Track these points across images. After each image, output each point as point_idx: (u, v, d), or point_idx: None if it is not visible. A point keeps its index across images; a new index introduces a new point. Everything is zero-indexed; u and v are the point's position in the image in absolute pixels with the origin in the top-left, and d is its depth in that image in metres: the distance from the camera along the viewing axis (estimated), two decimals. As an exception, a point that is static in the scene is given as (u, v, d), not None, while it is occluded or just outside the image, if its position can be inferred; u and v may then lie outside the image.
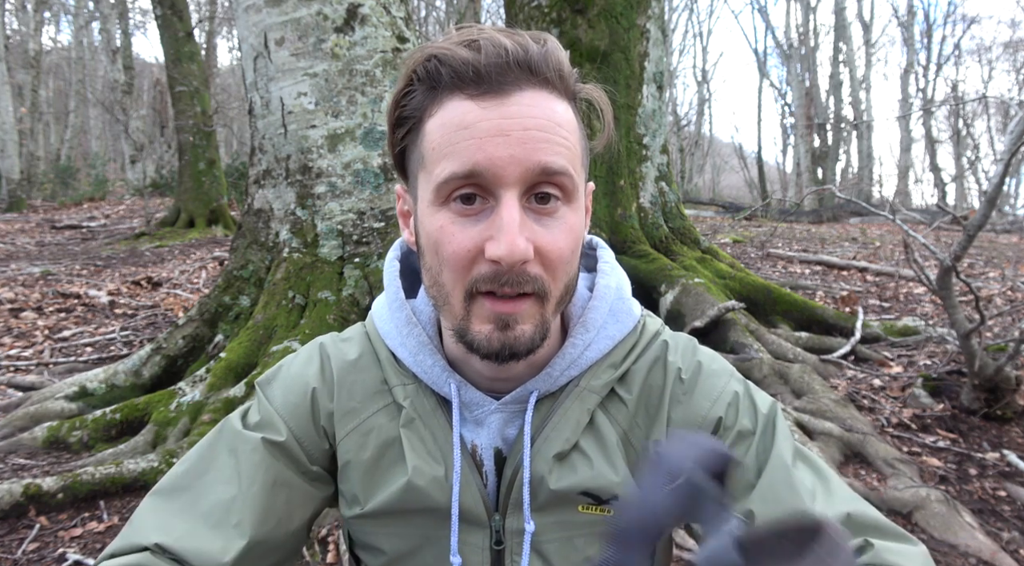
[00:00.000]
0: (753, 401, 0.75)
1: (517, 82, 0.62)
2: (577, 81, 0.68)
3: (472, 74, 0.61)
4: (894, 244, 7.71)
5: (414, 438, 0.75)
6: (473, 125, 0.61)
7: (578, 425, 0.73)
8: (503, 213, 0.61)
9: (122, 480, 2.28)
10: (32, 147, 15.97)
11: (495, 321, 0.64)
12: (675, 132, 21.64)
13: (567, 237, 0.64)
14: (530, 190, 0.63)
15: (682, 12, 25.48)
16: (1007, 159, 2.39)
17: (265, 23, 3.11)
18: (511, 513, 0.73)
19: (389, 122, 0.69)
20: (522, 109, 0.61)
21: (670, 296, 3.61)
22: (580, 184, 0.66)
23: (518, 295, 0.63)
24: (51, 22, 23.33)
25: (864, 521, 0.66)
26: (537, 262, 0.63)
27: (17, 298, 5.10)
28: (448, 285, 0.65)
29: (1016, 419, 2.67)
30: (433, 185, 0.63)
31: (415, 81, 0.65)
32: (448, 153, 0.62)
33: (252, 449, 0.74)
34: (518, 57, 0.61)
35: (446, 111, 0.63)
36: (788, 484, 0.68)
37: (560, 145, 0.63)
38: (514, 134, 0.60)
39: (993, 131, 23.94)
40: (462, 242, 0.62)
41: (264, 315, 3.01)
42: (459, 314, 0.65)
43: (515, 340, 0.64)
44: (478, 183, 0.62)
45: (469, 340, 0.66)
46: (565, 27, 4.08)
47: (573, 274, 0.68)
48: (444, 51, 0.62)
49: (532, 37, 0.64)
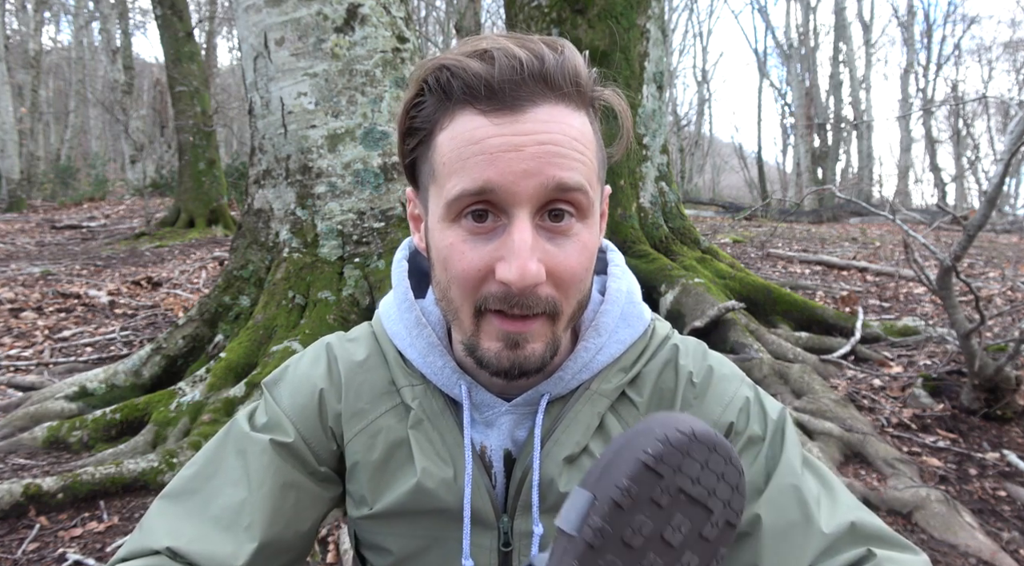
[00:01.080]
0: (763, 407, 0.75)
1: (532, 97, 0.60)
2: (595, 86, 0.66)
3: (484, 89, 0.59)
4: (894, 244, 7.71)
5: (422, 439, 0.74)
6: (484, 141, 0.59)
7: (588, 428, 0.73)
8: (515, 235, 0.59)
9: (122, 480, 2.28)
10: (32, 147, 15.97)
11: (504, 339, 0.63)
12: (675, 132, 21.63)
13: (580, 257, 0.63)
14: (543, 208, 0.61)
15: (682, 12, 25.52)
16: (1007, 159, 2.39)
17: (265, 23, 3.11)
18: (519, 515, 0.73)
19: (399, 130, 0.68)
20: (537, 125, 0.59)
21: (670, 296, 3.61)
22: (595, 200, 0.65)
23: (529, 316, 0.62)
24: (51, 22, 23.36)
25: (868, 530, 0.67)
26: (549, 283, 0.62)
27: (17, 298, 5.10)
28: (457, 301, 0.65)
29: (1016, 419, 2.67)
30: (444, 201, 0.62)
31: (426, 91, 0.63)
32: (459, 169, 0.60)
33: (261, 451, 0.74)
34: (533, 70, 0.59)
35: (457, 125, 0.61)
36: (795, 491, 0.68)
37: (576, 160, 0.61)
38: (528, 149, 0.59)
39: (993, 131, 23.94)
40: (472, 261, 0.61)
41: (264, 315, 3.01)
42: (468, 330, 0.65)
43: (525, 359, 0.64)
44: (490, 200, 0.60)
45: (479, 357, 0.66)
46: (565, 27, 4.08)
47: (586, 290, 0.68)
48: (456, 63, 0.60)
49: (548, 44, 0.61)
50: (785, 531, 0.66)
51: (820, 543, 0.65)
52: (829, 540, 0.65)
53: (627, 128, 0.68)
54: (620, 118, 0.68)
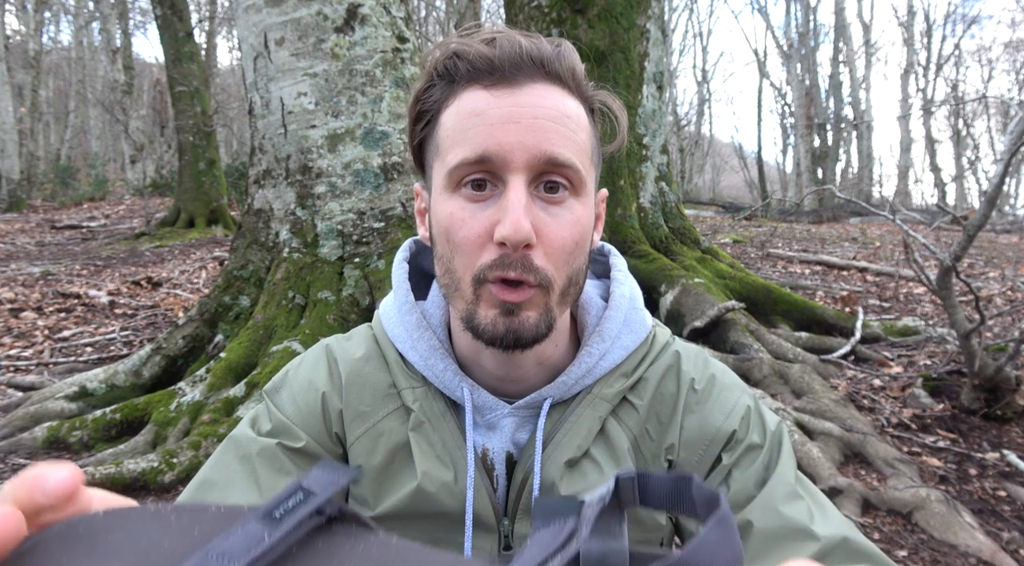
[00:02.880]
0: (763, 417, 0.76)
1: (530, 75, 0.64)
2: (592, 89, 0.70)
3: (486, 65, 0.64)
4: (894, 244, 7.71)
5: (423, 442, 0.74)
6: (485, 112, 0.63)
7: (590, 433, 0.73)
8: (509, 195, 0.63)
9: (122, 480, 2.28)
10: (32, 147, 15.97)
11: (500, 307, 0.65)
12: (675, 132, 21.63)
13: (572, 227, 0.66)
14: (538, 178, 0.64)
15: (682, 12, 25.49)
16: (1007, 159, 2.39)
17: (265, 23, 3.11)
18: (520, 518, 0.73)
19: (410, 117, 0.72)
20: (533, 99, 0.64)
21: (670, 296, 3.61)
22: (588, 179, 0.67)
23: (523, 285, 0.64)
24: (51, 22, 23.32)
25: (860, 548, 0.66)
26: (541, 251, 0.64)
27: (17, 298, 5.10)
28: (459, 271, 0.66)
29: (1016, 419, 2.67)
30: (446, 171, 0.66)
31: (435, 77, 0.68)
32: (460, 140, 0.64)
33: (271, 456, 0.73)
34: (532, 53, 0.64)
35: (461, 101, 0.66)
36: (789, 499, 0.68)
37: (568, 138, 0.64)
38: (524, 122, 0.63)
39: (993, 131, 23.94)
40: (472, 227, 0.64)
41: (264, 315, 3.01)
42: (468, 298, 0.66)
43: (520, 325, 0.65)
44: (487, 169, 0.64)
45: (475, 325, 0.66)
46: (565, 27, 4.08)
47: (577, 267, 0.68)
48: (464, 47, 0.65)
49: (549, 41, 0.66)
50: (777, 536, 0.66)
51: (813, 547, 0.64)
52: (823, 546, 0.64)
53: (623, 125, 0.71)
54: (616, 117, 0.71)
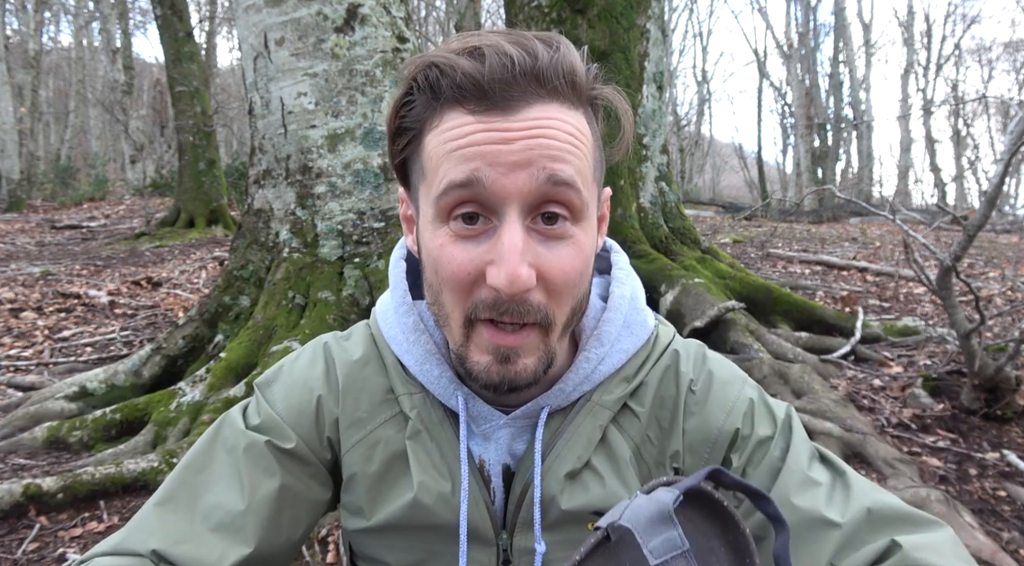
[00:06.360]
0: (769, 407, 0.73)
1: (524, 96, 0.57)
2: (594, 84, 0.63)
3: (474, 89, 0.57)
4: (894, 244, 7.71)
5: (420, 451, 0.72)
6: (472, 136, 0.57)
7: (590, 442, 0.70)
8: (504, 237, 0.57)
9: (122, 480, 2.28)
10: (32, 147, 15.97)
11: (495, 353, 0.61)
12: (675, 132, 21.63)
13: (574, 261, 0.60)
14: (535, 209, 0.59)
15: (682, 12, 25.50)
16: (1007, 159, 2.39)
17: (265, 23, 3.11)
18: (519, 531, 0.71)
19: (389, 130, 0.65)
20: (528, 123, 0.57)
21: (670, 296, 3.61)
22: (590, 201, 0.62)
23: (520, 326, 0.60)
24: (51, 22, 23.29)
25: (886, 513, 0.64)
26: (541, 289, 0.59)
27: (17, 298, 5.10)
28: (448, 306, 0.62)
29: (1016, 419, 2.67)
30: (433, 198, 0.60)
31: (415, 90, 0.61)
32: (445, 163, 0.58)
33: (257, 453, 0.71)
34: (525, 68, 0.57)
35: (445, 125, 0.59)
36: (802, 488, 0.66)
37: (569, 154, 0.58)
38: (518, 143, 0.57)
39: (993, 131, 23.95)
40: (462, 264, 0.59)
41: (264, 315, 3.01)
42: (459, 340, 0.63)
43: (516, 374, 0.61)
44: (479, 198, 0.58)
45: (468, 368, 0.63)
46: (565, 27, 4.08)
47: (581, 297, 0.64)
48: (444, 60, 0.58)
49: (542, 40, 0.59)
50: (798, 530, 0.63)
51: (837, 537, 0.63)
52: (846, 533, 0.63)
53: (628, 128, 0.66)
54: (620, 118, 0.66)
